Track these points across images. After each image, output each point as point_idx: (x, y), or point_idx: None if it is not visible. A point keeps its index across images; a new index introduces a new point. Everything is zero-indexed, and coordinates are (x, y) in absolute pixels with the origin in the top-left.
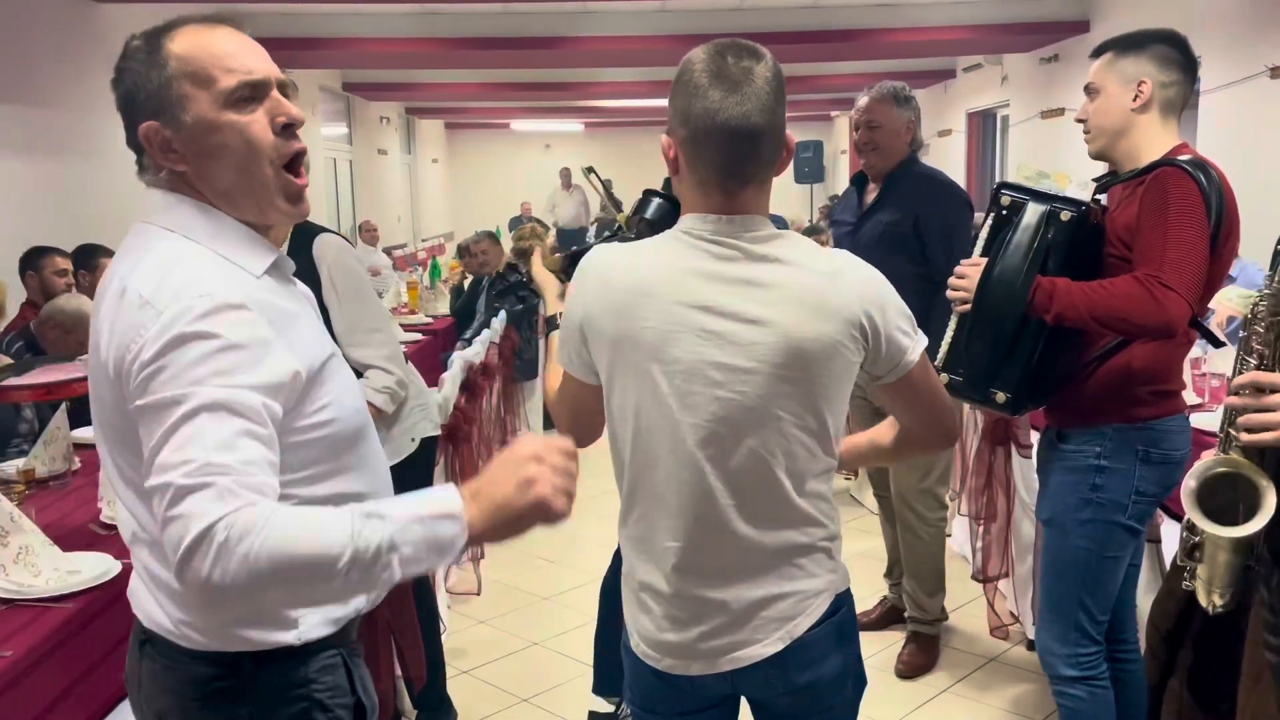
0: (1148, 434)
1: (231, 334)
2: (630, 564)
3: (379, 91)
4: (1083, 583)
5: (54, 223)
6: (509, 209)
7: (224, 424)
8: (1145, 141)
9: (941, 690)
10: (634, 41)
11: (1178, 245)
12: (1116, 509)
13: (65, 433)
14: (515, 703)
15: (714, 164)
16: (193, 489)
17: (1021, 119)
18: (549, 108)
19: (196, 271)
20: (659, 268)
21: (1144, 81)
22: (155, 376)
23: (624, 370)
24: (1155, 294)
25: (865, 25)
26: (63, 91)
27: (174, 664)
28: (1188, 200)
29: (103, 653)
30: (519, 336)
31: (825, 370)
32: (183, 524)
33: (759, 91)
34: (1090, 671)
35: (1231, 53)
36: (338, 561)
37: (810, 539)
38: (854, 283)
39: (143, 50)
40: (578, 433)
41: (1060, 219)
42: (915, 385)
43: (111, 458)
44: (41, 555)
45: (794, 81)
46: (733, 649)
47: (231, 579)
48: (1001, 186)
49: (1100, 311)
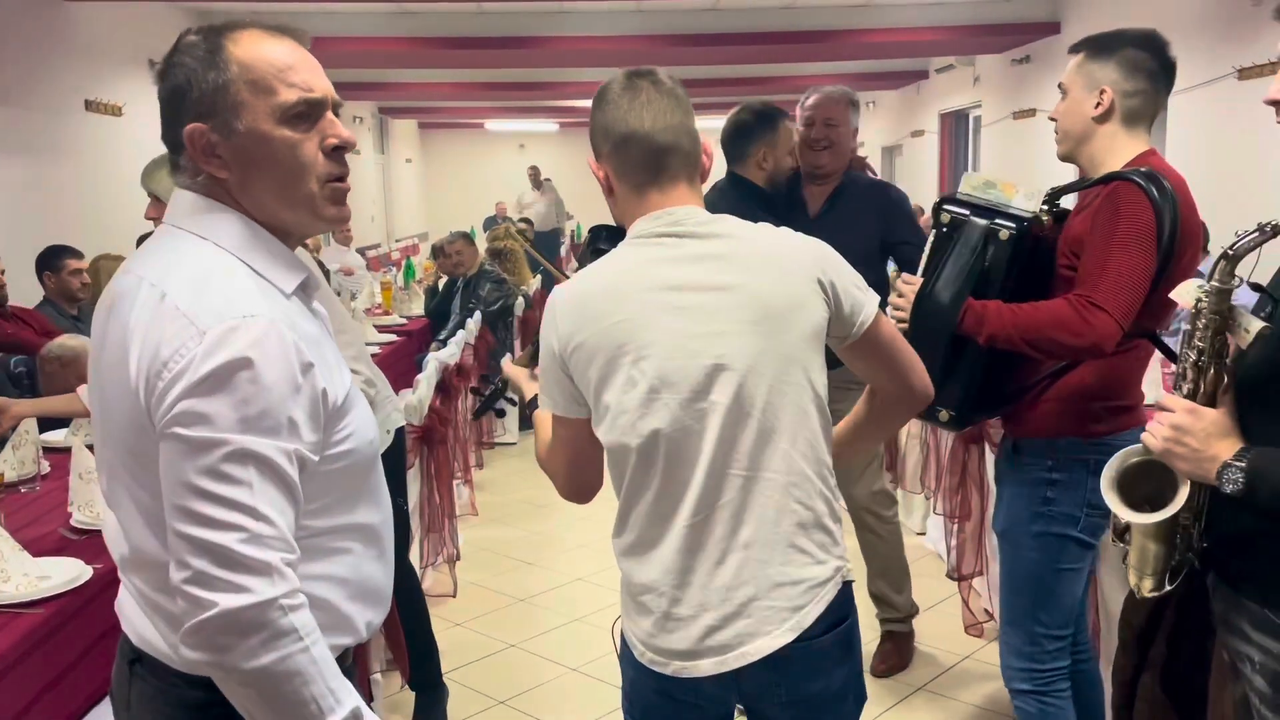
0: (1100, 448)
1: (275, 367)
2: (628, 569)
3: (352, 91)
4: (1036, 596)
5: (20, 223)
6: (483, 209)
7: (268, 482)
8: (1105, 150)
9: (916, 688)
10: (609, 42)
11: (1117, 265)
12: (1068, 522)
13: (34, 436)
14: (493, 705)
15: (642, 167)
16: (248, 564)
17: (993, 120)
18: (523, 107)
19: (235, 289)
20: (620, 270)
21: (1104, 90)
22: (196, 407)
23: (609, 373)
24: (1084, 315)
25: (838, 26)
26: (31, 91)
27: (167, 686)
28: (1137, 218)
29: (74, 658)
30: (494, 337)
31: (798, 325)
32: (235, 596)
33: (666, 98)
34: (1044, 686)
35: (1199, 54)
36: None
37: (816, 514)
38: (801, 245)
39: (201, 47)
40: (578, 485)
41: (999, 237)
42: (881, 340)
43: (118, 471)
44: (11, 560)
45: (767, 82)
46: (740, 642)
47: (251, 666)
48: (943, 202)
49: (1030, 334)
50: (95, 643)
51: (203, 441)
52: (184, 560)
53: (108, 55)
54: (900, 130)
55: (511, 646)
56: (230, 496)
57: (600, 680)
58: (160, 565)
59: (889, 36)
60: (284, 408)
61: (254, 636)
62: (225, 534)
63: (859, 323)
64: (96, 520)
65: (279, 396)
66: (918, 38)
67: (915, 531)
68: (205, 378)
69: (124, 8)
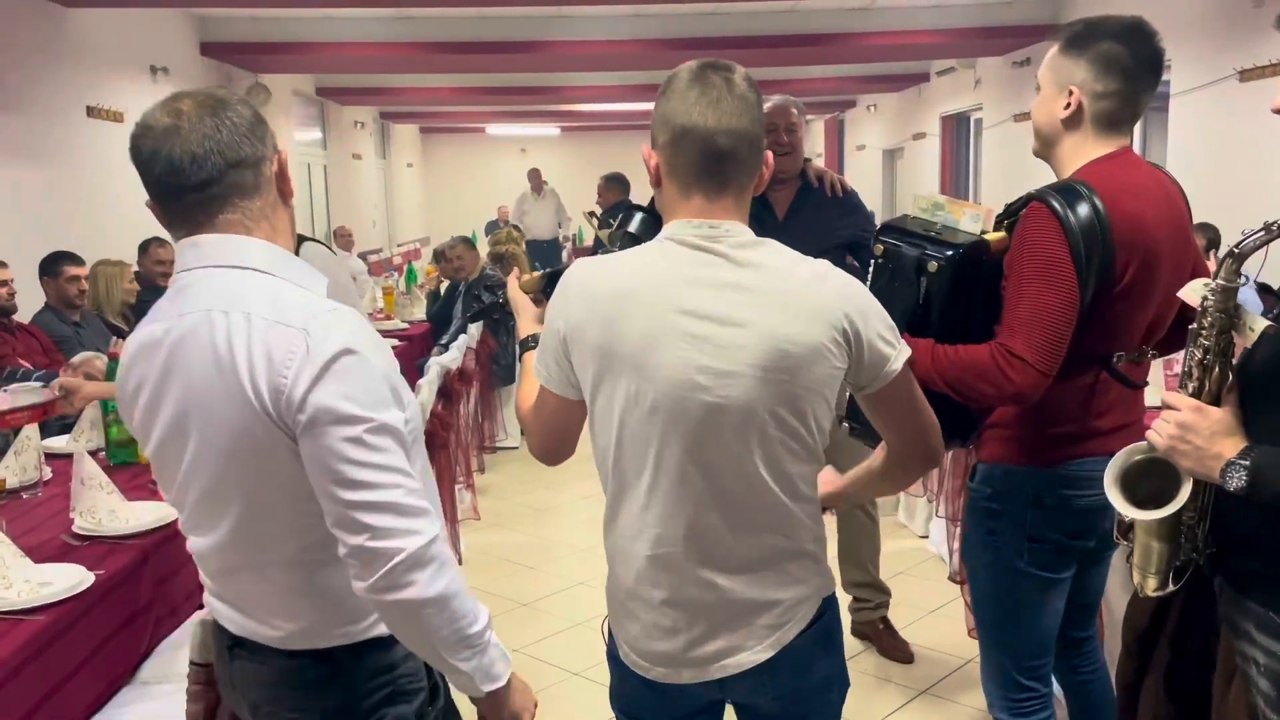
0: (1042, 478)
1: (372, 350)
2: (616, 572)
3: (353, 96)
4: (997, 626)
5: (20, 229)
6: (485, 213)
7: (400, 446)
8: (1070, 156)
9: (919, 691)
10: (610, 46)
11: (1029, 307)
12: (1014, 553)
13: (36, 442)
14: None
15: (694, 169)
16: (414, 511)
17: (994, 122)
18: (524, 111)
19: (299, 297)
20: (642, 274)
21: (1072, 91)
22: (326, 398)
23: (609, 378)
24: (1002, 365)
25: (840, 30)
26: (33, 97)
27: (267, 660)
28: (1041, 249)
29: (75, 665)
30: (495, 342)
31: (808, 373)
32: (413, 538)
33: (737, 100)
34: (1022, 716)
35: (1200, 56)
36: (479, 623)
37: (798, 544)
38: (836, 288)
39: None
40: (549, 451)
41: (928, 269)
42: (898, 397)
43: (224, 487)
44: (13, 567)
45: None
46: (722, 656)
47: (432, 594)
48: (881, 230)
49: (954, 382)
50: (97, 649)
51: (346, 419)
52: (358, 523)
53: (110, 62)
54: (901, 133)
55: (514, 651)
56: (382, 462)
57: (603, 685)
58: (284, 556)
59: (890, 39)
60: (387, 382)
61: (430, 567)
62: (390, 491)
63: (879, 375)
64: (98, 526)
65: (381, 374)
66: (919, 40)
67: (917, 534)
68: (323, 369)
69: (126, 14)
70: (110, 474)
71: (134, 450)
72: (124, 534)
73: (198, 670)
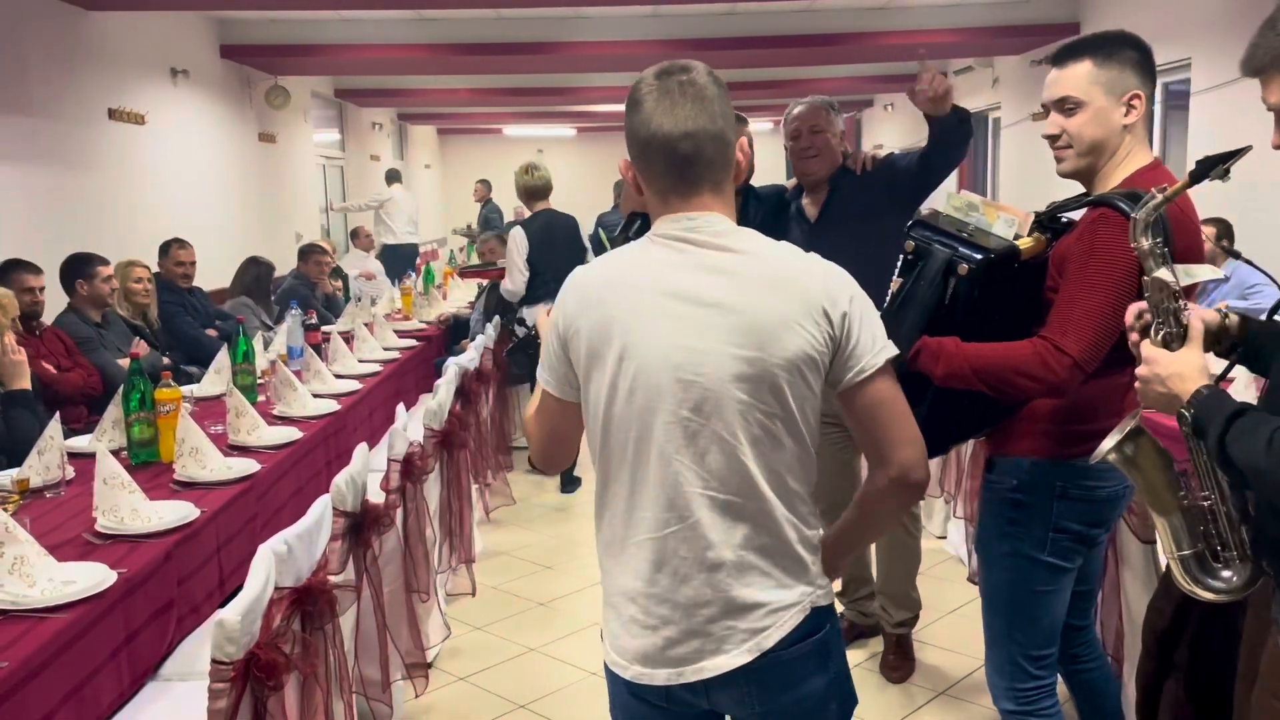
0: (1067, 470)
1: None
2: (604, 566)
3: (371, 98)
4: (1010, 617)
5: (46, 232)
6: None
7: None
8: (1121, 164)
9: (937, 693)
10: (625, 46)
11: (1086, 307)
12: (1035, 545)
13: (59, 442)
14: (512, 709)
15: (664, 176)
16: None
17: (1012, 121)
18: (541, 113)
19: None
20: (628, 264)
21: (1137, 95)
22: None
23: (597, 365)
24: (1048, 359)
25: (856, 29)
26: (55, 100)
27: None
28: (1114, 259)
29: (98, 663)
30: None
31: (779, 344)
32: None
33: (693, 101)
34: (1029, 705)
35: (1221, 54)
36: None
37: (783, 543)
38: (821, 272)
39: None
40: (549, 456)
41: (958, 271)
42: (877, 398)
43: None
44: (36, 566)
45: (785, 85)
46: (699, 657)
47: None
48: (913, 226)
49: (988, 375)
50: (120, 647)
51: None
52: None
53: (131, 65)
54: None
55: (532, 650)
56: None
57: None
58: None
59: (907, 38)
60: None
61: None
62: None
63: (855, 370)
64: (120, 525)
65: None
66: (936, 39)
67: (936, 535)
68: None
69: (147, 17)
70: (132, 473)
71: (155, 450)
72: (146, 533)
73: (220, 668)
